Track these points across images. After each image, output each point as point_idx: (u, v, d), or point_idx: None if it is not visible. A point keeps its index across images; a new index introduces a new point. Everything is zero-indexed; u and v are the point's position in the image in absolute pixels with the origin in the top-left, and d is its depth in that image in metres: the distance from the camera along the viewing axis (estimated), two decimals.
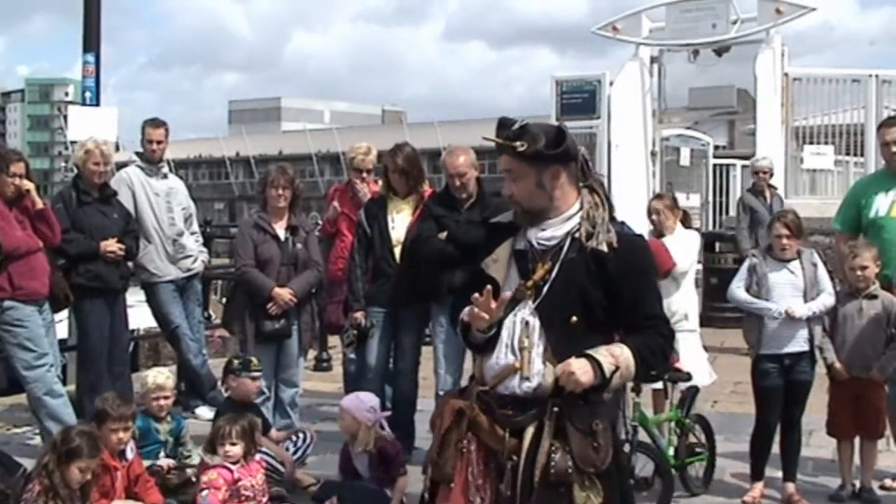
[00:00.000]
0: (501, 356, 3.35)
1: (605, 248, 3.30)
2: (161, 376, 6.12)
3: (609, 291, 3.30)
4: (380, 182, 7.09)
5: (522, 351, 3.29)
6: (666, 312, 3.56)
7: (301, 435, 6.44)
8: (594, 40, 17.01)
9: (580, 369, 3.19)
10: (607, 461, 3.27)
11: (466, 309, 3.33)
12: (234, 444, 5.29)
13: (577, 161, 3.37)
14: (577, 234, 3.33)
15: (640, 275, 3.37)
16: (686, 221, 7.48)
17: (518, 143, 3.27)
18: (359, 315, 6.64)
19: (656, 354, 3.37)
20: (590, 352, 3.23)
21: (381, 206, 6.70)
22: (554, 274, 3.31)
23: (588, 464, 3.24)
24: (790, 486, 5.98)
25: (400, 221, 6.60)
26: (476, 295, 3.25)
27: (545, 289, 3.31)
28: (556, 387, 3.25)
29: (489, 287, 3.26)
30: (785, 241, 5.92)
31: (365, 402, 5.85)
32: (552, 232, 3.35)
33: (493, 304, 3.24)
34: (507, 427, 3.30)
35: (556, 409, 3.26)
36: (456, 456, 3.35)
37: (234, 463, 5.27)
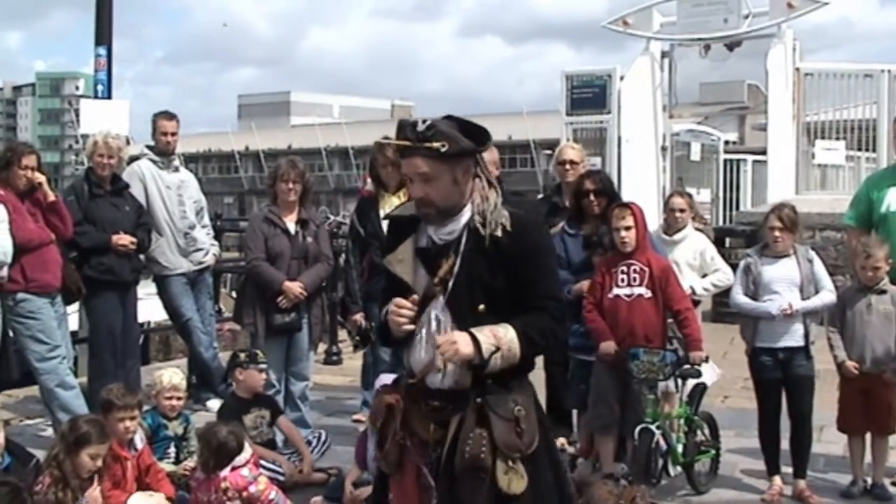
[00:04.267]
0: (422, 352, 3.35)
1: (499, 232, 3.28)
2: (176, 377, 6.08)
3: (507, 274, 3.28)
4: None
5: (438, 349, 3.26)
6: None
7: (317, 434, 6.46)
8: (610, 36, 16.95)
9: (462, 340, 3.20)
10: (533, 445, 3.29)
11: (386, 309, 3.35)
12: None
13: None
14: (472, 224, 3.30)
15: (532, 255, 3.31)
16: (696, 219, 7.41)
17: (439, 144, 3.19)
18: (358, 317, 6.68)
19: (546, 336, 3.32)
20: (473, 330, 3.23)
21: (372, 204, 6.69)
22: (457, 267, 3.29)
23: (513, 449, 3.26)
24: (801, 483, 5.97)
25: None
26: (401, 301, 3.27)
27: (450, 283, 3.30)
28: (475, 378, 3.28)
29: (416, 297, 3.28)
30: (777, 233, 5.90)
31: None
32: (452, 226, 3.32)
33: (411, 309, 3.26)
34: (432, 419, 3.34)
35: (478, 399, 3.28)
36: (397, 448, 3.38)
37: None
